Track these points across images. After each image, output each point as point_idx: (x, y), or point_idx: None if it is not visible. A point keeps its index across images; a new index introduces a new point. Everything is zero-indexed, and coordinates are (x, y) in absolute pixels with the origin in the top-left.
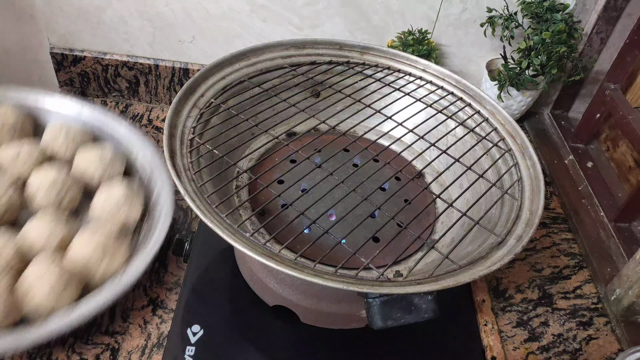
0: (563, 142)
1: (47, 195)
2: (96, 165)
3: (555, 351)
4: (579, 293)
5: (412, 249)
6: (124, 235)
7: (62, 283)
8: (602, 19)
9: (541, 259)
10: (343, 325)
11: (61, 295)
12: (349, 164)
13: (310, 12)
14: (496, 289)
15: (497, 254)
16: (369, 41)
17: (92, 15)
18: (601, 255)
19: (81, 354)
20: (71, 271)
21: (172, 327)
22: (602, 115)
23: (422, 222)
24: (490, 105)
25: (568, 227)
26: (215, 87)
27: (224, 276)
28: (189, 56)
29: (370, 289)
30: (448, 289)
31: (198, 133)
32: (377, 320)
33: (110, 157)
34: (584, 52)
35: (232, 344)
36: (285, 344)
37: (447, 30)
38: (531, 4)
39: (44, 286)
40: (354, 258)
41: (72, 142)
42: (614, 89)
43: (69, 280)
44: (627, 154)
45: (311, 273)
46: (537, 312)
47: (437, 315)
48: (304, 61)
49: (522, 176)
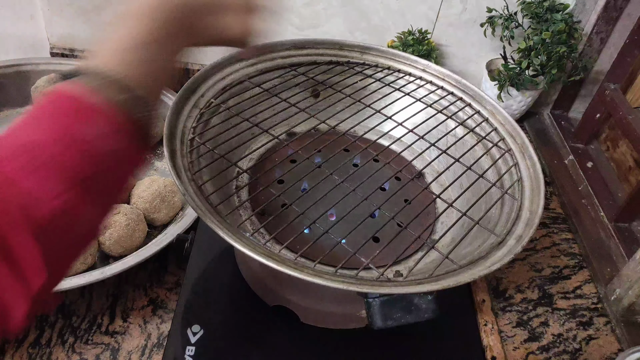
0: (563, 142)
1: None
2: None
3: (555, 351)
4: (579, 293)
5: (412, 249)
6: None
7: (131, 227)
8: (602, 19)
9: (541, 259)
10: (343, 325)
11: (131, 237)
12: (349, 164)
13: (310, 12)
14: (496, 289)
15: (497, 254)
16: (369, 41)
17: (92, 15)
18: (601, 255)
19: (81, 354)
20: (137, 217)
21: (172, 327)
22: (602, 115)
23: (422, 222)
24: (490, 105)
25: (568, 227)
26: (215, 87)
27: (224, 276)
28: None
29: (370, 289)
30: (448, 289)
31: (198, 133)
32: (377, 320)
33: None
34: (584, 52)
35: (232, 344)
36: (285, 344)
37: (447, 30)
38: (531, 4)
39: (117, 229)
40: (354, 258)
41: None
42: (614, 89)
43: (136, 224)
44: (627, 154)
45: (311, 273)
46: (537, 312)
47: (437, 315)
48: (304, 61)
49: (522, 176)
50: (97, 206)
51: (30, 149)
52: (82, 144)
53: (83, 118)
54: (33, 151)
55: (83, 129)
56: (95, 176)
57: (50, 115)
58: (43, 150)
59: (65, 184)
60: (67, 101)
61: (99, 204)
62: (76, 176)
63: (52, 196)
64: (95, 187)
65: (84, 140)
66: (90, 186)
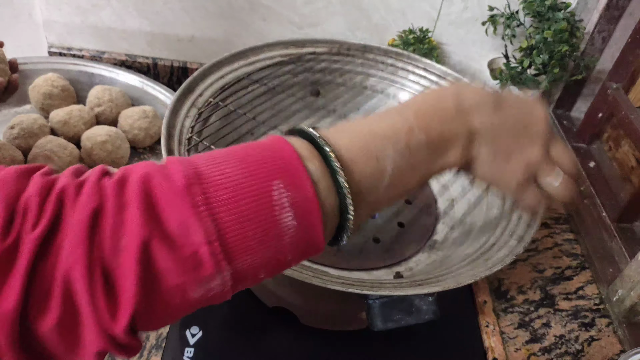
0: (565, 142)
1: (101, 152)
2: (140, 124)
3: (557, 352)
4: (580, 294)
5: (413, 250)
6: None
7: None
8: (603, 17)
9: (543, 260)
10: (343, 326)
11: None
12: None
13: (310, 11)
14: (498, 290)
15: (498, 254)
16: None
17: (90, 14)
18: (603, 256)
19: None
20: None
21: (170, 329)
22: (604, 115)
23: (423, 222)
24: None
25: (570, 227)
26: (214, 86)
27: None
28: (187, 55)
29: (370, 291)
30: (449, 290)
31: (196, 132)
32: (378, 322)
33: (152, 116)
34: (585, 51)
35: (231, 346)
36: (284, 346)
37: (448, 29)
38: (533, 2)
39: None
40: (354, 259)
41: (115, 104)
42: (616, 88)
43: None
44: (630, 154)
45: (311, 275)
46: (538, 313)
47: (438, 316)
48: (304, 59)
49: None
50: None
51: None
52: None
53: (294, 182)
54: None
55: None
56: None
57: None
58: None
59: None
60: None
61: None
62: None
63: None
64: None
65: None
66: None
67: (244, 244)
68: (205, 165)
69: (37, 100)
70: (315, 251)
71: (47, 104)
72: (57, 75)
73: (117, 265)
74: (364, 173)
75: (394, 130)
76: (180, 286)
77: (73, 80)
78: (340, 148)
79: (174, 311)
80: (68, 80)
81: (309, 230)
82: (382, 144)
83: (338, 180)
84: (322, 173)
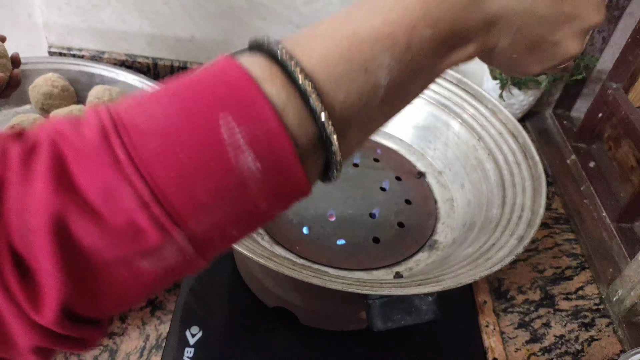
0: (565, 142)
1: None
2: None
3: (557, 352)
4: (580, 294)
5: (413, 250)
6: None
7: None
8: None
9: (543, 260)
10: (343, 326)
11: None
12: (349, 163)
13: (310, 11)
14: (498, 290)
15: (498, 254)
16: None
17: (90, 14)
18: (603, 256)
19: (79, 356)
20: None
21: (170, 329)
22: (604, 115)
23: (423, 222)
24: (491, 104)
25: (570, 227)
26: None
27: (223, 277)
28: (187, 55)
29: (370, 291)
30: (449, 290)
31: None
32: (378, 321)
33: None
34: (586, 51)
35: (231, 346)
36: (284, 346)
37: None
38: None
39: None
40: (354, 259)
41: None
42: (616, 88)
43: None
44: (630, 154)
45: (310, 274)
46: (538, 313)
47: (438, 316)
48: None
49: (524, 176)
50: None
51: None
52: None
53: (249, 114)
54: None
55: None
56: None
57: (208, 88)
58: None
59: None
60: (241, 81)
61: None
62: None
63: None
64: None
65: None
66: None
67: (194, 202)
68: (127, 109)
69: (37, 100)
70: (299, 193)
71: (47, 104)
72: (57, 75)
73: (30, 248)
74: (350, 91)
75: (389, 27)
76: (122, 260)
77: (73, 80)
78: (312, 60)
79: (128, 289)
80: (68, 80)
81: (282, 170)
82: (372, 49)
83: (311, 104)
84: (288, 96)
